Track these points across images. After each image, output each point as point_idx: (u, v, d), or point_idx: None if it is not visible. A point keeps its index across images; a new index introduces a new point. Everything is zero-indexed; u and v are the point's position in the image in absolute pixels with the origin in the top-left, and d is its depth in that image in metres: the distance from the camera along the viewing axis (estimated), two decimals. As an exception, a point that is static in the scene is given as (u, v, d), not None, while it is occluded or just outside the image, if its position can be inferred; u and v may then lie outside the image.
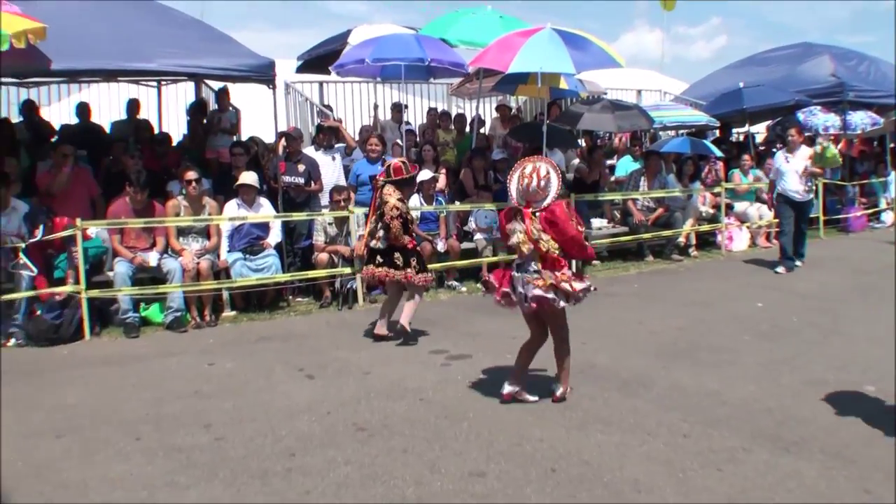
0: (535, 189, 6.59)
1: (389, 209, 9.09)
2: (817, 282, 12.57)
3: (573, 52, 12.51)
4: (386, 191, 9.23)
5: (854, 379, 7.44)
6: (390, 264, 9.28)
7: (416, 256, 9.51)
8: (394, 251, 9.29)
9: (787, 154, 14.08)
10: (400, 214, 9.15)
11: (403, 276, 9.26)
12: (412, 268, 9.29)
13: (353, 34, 15.06)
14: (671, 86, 23.68)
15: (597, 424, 6.33)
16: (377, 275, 9.42)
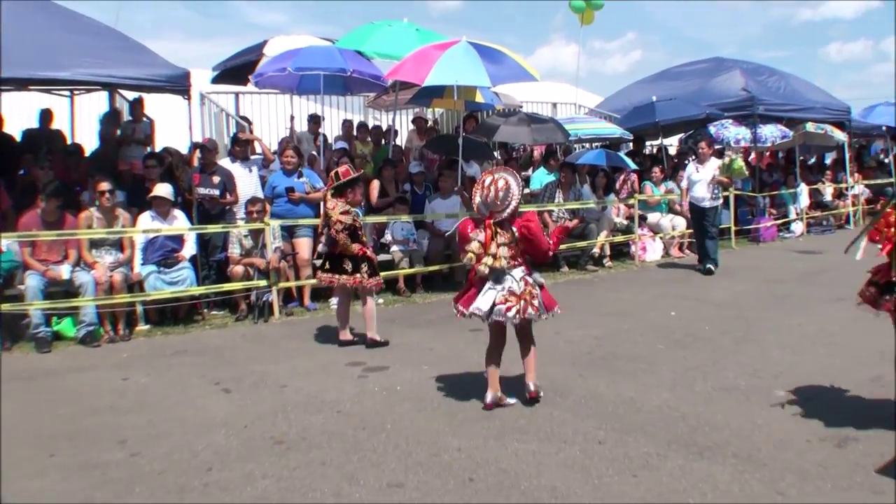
0: (494, 200, 6.77)
1: (334, 224, 9.28)
2: (729, 290, 12.79)
3: (488, 66, 12.60)
4: (329, 205, 9.42)
5: (765, 385, 7.59)
6: (338, 270, 9.49)
7: (367, 262, 9.62)
8: (343, 258, 9.48)
9: (697, 165, 15.04)
10: (345, 227, 9.32)
11: (353, 281, 9.47)
12: (362, 272, 9.48)
13: (269, 45, 14.97)
14: (586, 99, 23.95)
15: (514, 433, 6.36)
16: (322, 280, 9.74)
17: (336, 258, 9.55)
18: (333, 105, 18.09)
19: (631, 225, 16.45)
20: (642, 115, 19.57)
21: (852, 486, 5.25)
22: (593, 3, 21.35)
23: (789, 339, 9.43)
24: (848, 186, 23.20)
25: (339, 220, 9.29)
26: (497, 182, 6.81)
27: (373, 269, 9.73)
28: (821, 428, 6.37)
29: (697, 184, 14.91)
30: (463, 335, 9.88)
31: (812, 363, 8.34)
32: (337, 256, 9.54)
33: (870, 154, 29.26)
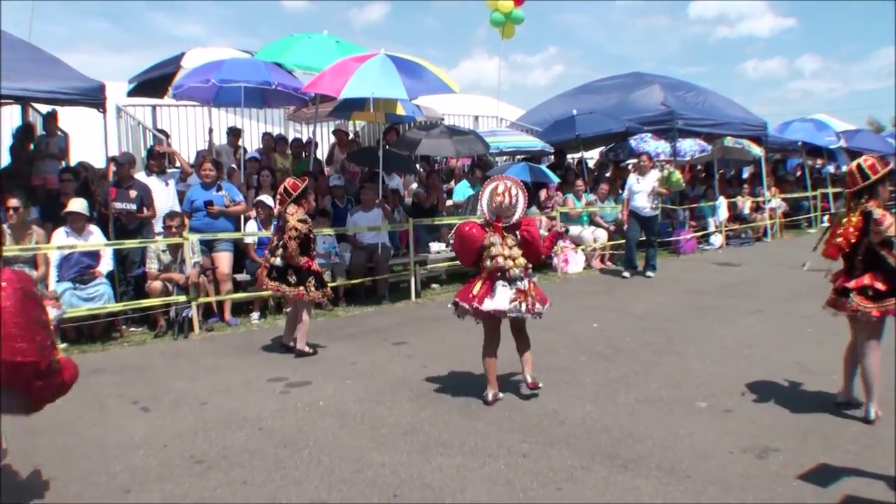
0: (508, 206, 7.41)
1: (289, 229, 9.37)
2: (651, 302, 12.89)
3: (406, 78, 12.60)
4: (289, 210, 9.52)
5: (687, 396, 7.65)
6: (283, 281, 9.58)
7: (314, 276, 9.72)
8: (288, 269, 9.56)
9: (638, 176, 15.78)
10: (298, 235, 9.43)
11: (297, 293, 9.55)
12: (307, 285, 9.57)
13: (187, 57, 14.75)
14: (508, 112, 24.05)
15: (438, 448, 6.32)
16: (269, 286, 9.76)
17: (282, 268, 9.60)
18: (253, 117, 17.89)
19: (553, 237, 16.50)
20: (563, 129, 19.72)
21: (774, 497, 5.30)
22: (513, 16, 21.48)
23: (710, 351, 9.53)
24: (765, 200, 23.59)
25: (294, 227, 9.39)
26: (510, 190, 7.42)
27: (320, 282, 9.81)
28: (742, 439, 6.42)
29: (638, 194, 15.73)
30: (386, 349, 9.85)
31: (733, 374, 8.41)
32: (283, 267, 9.59)
33: (786, 169, 29.85)
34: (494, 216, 7.50)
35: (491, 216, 7.54)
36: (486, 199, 7.56)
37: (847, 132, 28.15)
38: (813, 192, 26.28)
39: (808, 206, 26.10)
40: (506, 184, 7.50)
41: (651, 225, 16.03)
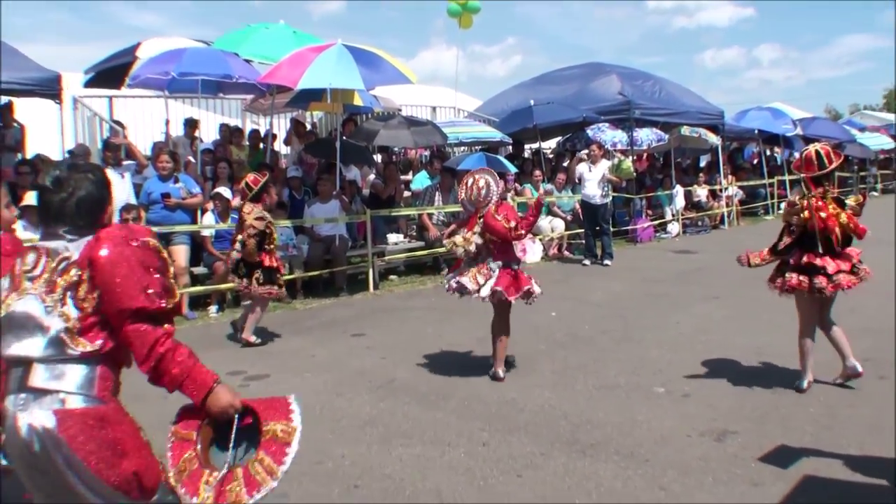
0: (478, 197, 7.83)
1: (247, 227, 9.45)
2: (608, 290, 12.94)
3: (363, 68, 12.54)
4: (245, 209, 9.62)
5: (645, 382, 7.70)
6: (237, 274, 9.72)
7: (263, 271, 9.68)
8: (240, 263, 9.68)
9: (590, 165, 15.97)
10: (256, 233, 9.50)
11: (244, 287, 9.68)
12: (254, 280, 9.58)
13: (143, 47, 14.60)
14: (465, 103, 24.01)
15: (398, 438, 6.30)
16: (234, 281, 9.88)
17: (237, 263, 9.71)
18: (210, 108, 17.76)
19: (511, 228, 16.49)
20: (520, 119, 19.70)
21: (732, 479, 5.34)
22: (469, 6, 21.44)
23: (667, 337, 9.59)
24: (722, 188, 23.75)
25: (252, 225, 9.45)
26: (478, 181, 7.87)
27: (268, 277, 9.74)
28: (700, 423, 6.47)
29: (589, 182, 15.95)
30: (344, 341, 9.82)
31: (690, 360, 8.47)
32: (239, 262, 9.68)
33: (743, 157, 30.08)
34: (472, 208, 7.94)
35: (469, 209, 8.02)
36: (464, 194, 8.06)
37: (804, 120, 28.47)
38: (769, 179, 26.49)
39: (764, 194, 26.31)
40: (474, 177, 7.98)
41: (602, 213, 16.14)
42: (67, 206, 3.13)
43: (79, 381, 3.04)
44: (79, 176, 3.18)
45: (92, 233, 3.12)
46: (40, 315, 3.05)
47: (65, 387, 3.01)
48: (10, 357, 3.08)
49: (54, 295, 3.06)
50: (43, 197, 3.17)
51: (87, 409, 3.02)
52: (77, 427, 2.97)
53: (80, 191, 3.16)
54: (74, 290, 3.05)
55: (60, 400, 2.99)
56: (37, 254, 3.15)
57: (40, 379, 3.01)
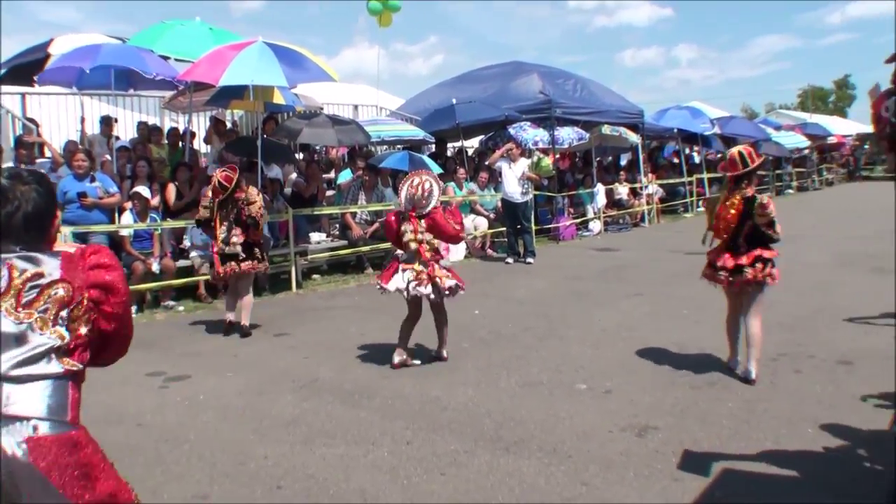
0: (420, 198, 8.26)
1: (258, 208, 9.98)
2: (531, 288, 13.01)
3: (285, 66, 12.48)
4: (248, 192, 10.04)
5: (567, 379, 7.74)
6: (252, 258, 10.09)
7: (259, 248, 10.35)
8: (253, 247, 10.12)
9: (510, 163, 16.06)
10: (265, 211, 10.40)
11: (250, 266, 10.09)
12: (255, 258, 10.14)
13: (55, 44, 14.35)
14: (387, 101, 24.02)
15: (321, 437, 6.26)
16: (226, 272, 10.02)
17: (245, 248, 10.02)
18: (127, 106, 17.50)
19: (434, 226, 16.50)
20: (443, 118, 19.74)
21: (654, 473, 5.39)
22: (390, 4, 21.42)
23: (590, 334, 9.66)
24: (642, 186, 24.03)
25: (262, 206, 10.17)
26: (424, 184, 8.31)
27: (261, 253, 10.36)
28: (622, 419, 6.52)
29: (509, 181, 16.12)
30: (267, 340, 9.74)
31: (612, 357, 8.55)
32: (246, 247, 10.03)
33: (664, 155, 30.45)
34: (410, 206, 8.31)
35: (407, 206, 8.34)
36: (404, 191, 8.41)
37: (721, 119, 28.97)
38: (688, 178, 26.86)
39: (683, 192, 26.68)
40: (420, 178, 8.41)
41: (523, 211, 16.30)
42: (14, 221, 2.95)
43: (53, 406, 2.84)
44: (24, 188, 2.99)
45: (42, 248, 2.98)
46: (11, 333, 2.82)
47: (37, 412, 2.80)
48: None
49: (34, 312, 2.85)
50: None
51: (59, 435, 2.82)
52: (51, 455, 2.77)
53: (28, 204, 2.98)
54: (67, 309, 2.89)
55: (33, 427, 2.77)
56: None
57: (10, 405, 2.77)
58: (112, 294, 2.99)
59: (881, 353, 8.15)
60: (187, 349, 9.50)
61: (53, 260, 2.95)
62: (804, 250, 12.68)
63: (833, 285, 12.25)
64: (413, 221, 8.32)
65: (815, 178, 40.06)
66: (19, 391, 2.77)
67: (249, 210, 9.90)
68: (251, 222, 9.97)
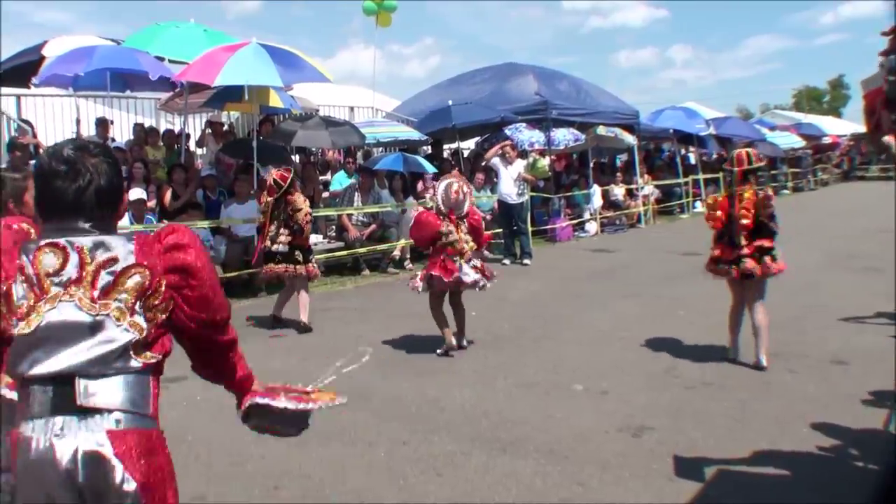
0: (460, 201, 8.92)
1: (304, 214, 10.29)
2: (528, 290, 13.02)
3: (280, 66, 12.54)
4: (299, 200, 10.36)
5: (564, 380, 7.77)
6: (291, 261, 10.31)
7: (311, 253, 10.91)
8: (295, 250, 10.34)
9: (506, 164, 16.16)
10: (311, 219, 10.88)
11: (306, 270, 10.45)
12: (311, 263, 10.58)
13: (49, 46, 14.37)
14: (383, 103, 23.96)
15: (318, 438, 6.24)
16: (275, 270, 10.42)
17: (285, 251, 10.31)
18: (123, 108, 17.47)
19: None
20: (439, 119, 19.69)
21: (650, 473, 5.42)
22: (386, 4, 21.43)
23: (586, 335, 9.69)
24: (638, 187, 24.03)
25: (308, 212, 10.45)
26: (462, 188, 9.03)
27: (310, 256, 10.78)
28: (618, 419, 6.55)
29: (504, 182, 16.22)
30: (263, 342, 9.75)
31: (608, 357, 8.59)
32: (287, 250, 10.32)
33: (661, 156, 30.42)
34: (447, 209, 8.87)
35: (445, 208, 8.89)
36: (442, 194, 8.98)
37: (716, 119, 28.91)
38: (684, 178, 26.87)
39: (679, 193, 26.68)
40: (459, 183, 9.10)
41: (519, 212, 16.37)
42: (87, 197, 2.70)
43: (135, 398, 2.70)
44: (94, 160, 2.73)
45: (112, 226, 2.80)
46: (86, 325, 2.64)
47: (120, 404, 2.64)
48: (39, 375, 2.61)
49: (110, 302, 2.67)
50: (50, 184, 2.70)
51: (142, 430, 2.70)
52: (134, 450, 2.64)
53: (101, 178, 2.72)
54: (142, 297, 2.71)
55: (115, 420, 2.63)
56: (60, 253, 2.68)
57: (90, 397, 2.61)
58: (192, 277, 2.80)
59: (875, 353, 8.18)
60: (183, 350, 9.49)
61: (127, 243, 2.74)
62: (798, 250, 12.71)
63: (827, 285, 12.31)
64: (453, 222, 8.86)
65: (811, 178, 40.05)
66: (98, 384, 2.61)
67: (296, 217, 10.19)
68: (296, 228, 10.26)
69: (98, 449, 2.55)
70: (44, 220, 2.78)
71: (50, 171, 2.69)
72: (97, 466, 2.55)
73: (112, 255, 2.69)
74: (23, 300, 2.64)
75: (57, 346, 2.60)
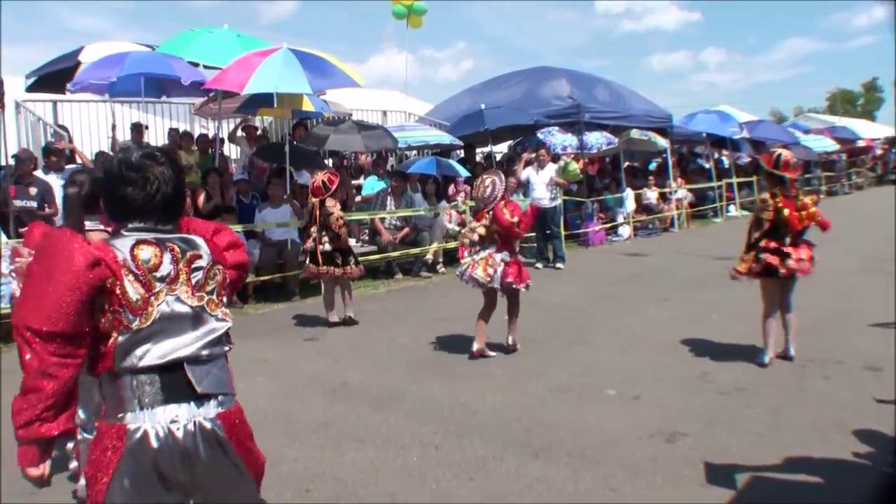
0: (485, 195, 8.83)
1: (337, 219, 10.50)
2: (560, 293, 13.00)
3: (309, 72, 12.57)
4: (330, 203, 10.53)
5: (596, 384, 7.74)
6: (331, 263, 10.66)
7: (352, 255, 11.09)
8: (335, 252, 10.71)
9: (537, 168, 16.21)
10: (345, 223, 10.97)
11: (343, 272, 10.78)
12: (351, 264, 10.88)
13: (85, 52, 14.50)
14: (416, 107, 24.02)
15: (351, 442, 6.31)
16: (319, 271, 10.73)
17: (329, 252, 10.66)
18: (157, 113, 17.62)
19: (463, 231, 16.45)
20: (471, 123, 19.69)
21: (682, 479, 5.40)
22: (415, 7, 21.46)
23: (618, 339, 9.66)
24: (672, 191, 23.92)
25: (340, 217, 10.60)
26: (485, 181, 8.95)
27: (355, 259, 11.08)
28: (651, 424, 6.53)
29: (536, 185, 16.22)
30: (297, 345, 9.81)
31: (640, 362, 8.55)
32: (330, 251, 10.67)
33: (695, 161, 30.23)
34: (481, 204, 8.91)
35: (479, 204, 8.97)
36: (475, 191, 9.20)
37: (750, 123, 28.69)
38: (717, 182, 26.71)
39: (713, 196, 26.52)
40: (482, 178, 9.13)
41: (552, 216, 16.31)
42: (154, 203, 2.97)
43: (227, 380, 3.08)
44: (161, 168, 2.98)
45: (178, 226, 3.05)
46: (189, 317, 2.97)
47: (221, 388, 3.01)
48: (150, 366, 2.88)
49: (204, 295, 3.01)
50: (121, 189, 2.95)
51: (234, 408, 3.06)
52: (235, 428, 3.02)
53: (167, 186, 2.98)
54: (221, 289, 3.09)
55: (220, 402, 2.98)
56: (155, 250, 2.93)
57: (201, 382, 2.93)
58: (245, 272, 3.16)
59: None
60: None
61: (202, 242, 3.06)
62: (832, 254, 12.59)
63: (861, 289, 12.21)
64: (483, 217, 8.82)
65: (845, 182, 39.74)
66: (205, 371, 2.96)
67: (328, 221, 10.44)
68: (331, 234, 10.53)
69: (213, 430, 2.91)
70: (115, 221, 3.02)
71: (121, 178, 2.94)
72: (214, 446, 2.91)
73: (197, 253, 3.01)
74: (136, 296, 2.86)
75: (166, 337, 2.90)
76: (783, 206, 7.81)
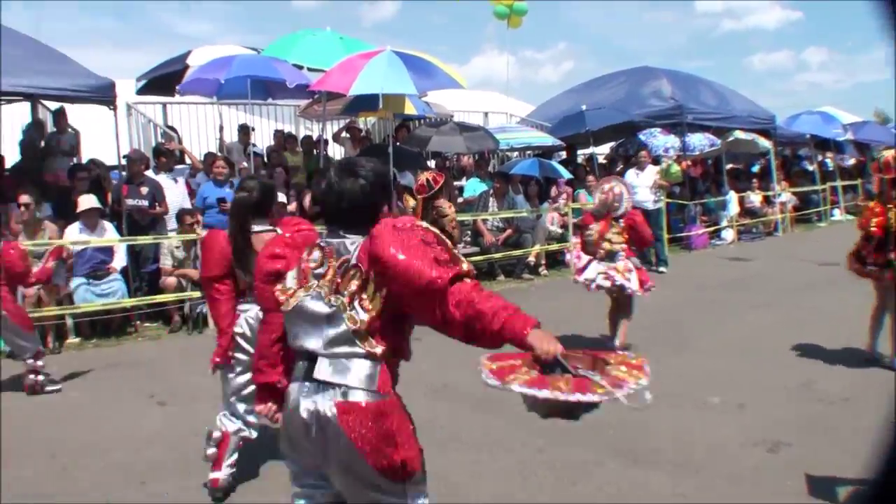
0: (611, 203, 8.97)
1: (450, 220, 10.70)
2: (663, 298, 12.87)
3: (413, 74, 12.67)
4: (441, 203, 10.86)
5: (698, 391, 7.73)
6: None
7: None
8: None
9: (637, 171, 16.07)
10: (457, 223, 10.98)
11: None
12: None
13: (193, 55, 14.88)
14: (517, 108, 23.98)
15: (453, 442, 6.39)
16: None
17: None
18: (263, 115, 17.96)
19: (565, 233, 16.45)
20: (572, 124, 19.61)
21: (783, 490, 5.37)
22: (516, 7, 21.45)
23: (722, 346, 9.59)
24: (775, 194, 23.52)
25: (454, 218, 10.79)
26: (614, 189, 9.03)
27: None
28: (753, 433, 6.49)
29: (638, 188, 15.60)
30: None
31: (744, 369, 8.49)
32: None
33: (800, 163, 29.67)
34: (605, 210, 9.05)
35: (602, 210, 9.10)
36: (597, 195, 9.29)
37: (854, 124, 28.00)
38: (822, 185, 26.20)
39: (817, 200, 26.00)
40: (611, 185, 9.17)
41: (654, 219, 15.98)
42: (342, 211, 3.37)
43: (361, 377, 3.24)
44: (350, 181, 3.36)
45: (366, 232, 3.26)
46: (325, 314, 3.27)
47: (347, 381, 3.21)
48: (297, 348, 3.36)
49: (340, 297, 3.25)
50: (321, 197, 3.41)
51: (367, 403, 3.23)
52: (356, 419, 3.20)
53: (348, 200, 3.34)
54: (359, 293, 3.24)
55: (343, 392, 3.21)
56: (322, 252, 3.39)
57: (324, 373, 3.23)
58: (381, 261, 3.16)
59: None
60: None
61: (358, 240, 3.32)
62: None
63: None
64: (604, 223, 8.97)
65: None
66: (329, 363, 3.25)
67: (442, 223, 10.48)
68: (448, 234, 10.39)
69: (327, 413, 3.20)
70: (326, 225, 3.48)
71: (320, 188, 3.43)
72: (325, 427, 3.21)
73: (345, 257, 3.30)
74: (291, 285, 3.39)
75: (306, 326, 3.32)
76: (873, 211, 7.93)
